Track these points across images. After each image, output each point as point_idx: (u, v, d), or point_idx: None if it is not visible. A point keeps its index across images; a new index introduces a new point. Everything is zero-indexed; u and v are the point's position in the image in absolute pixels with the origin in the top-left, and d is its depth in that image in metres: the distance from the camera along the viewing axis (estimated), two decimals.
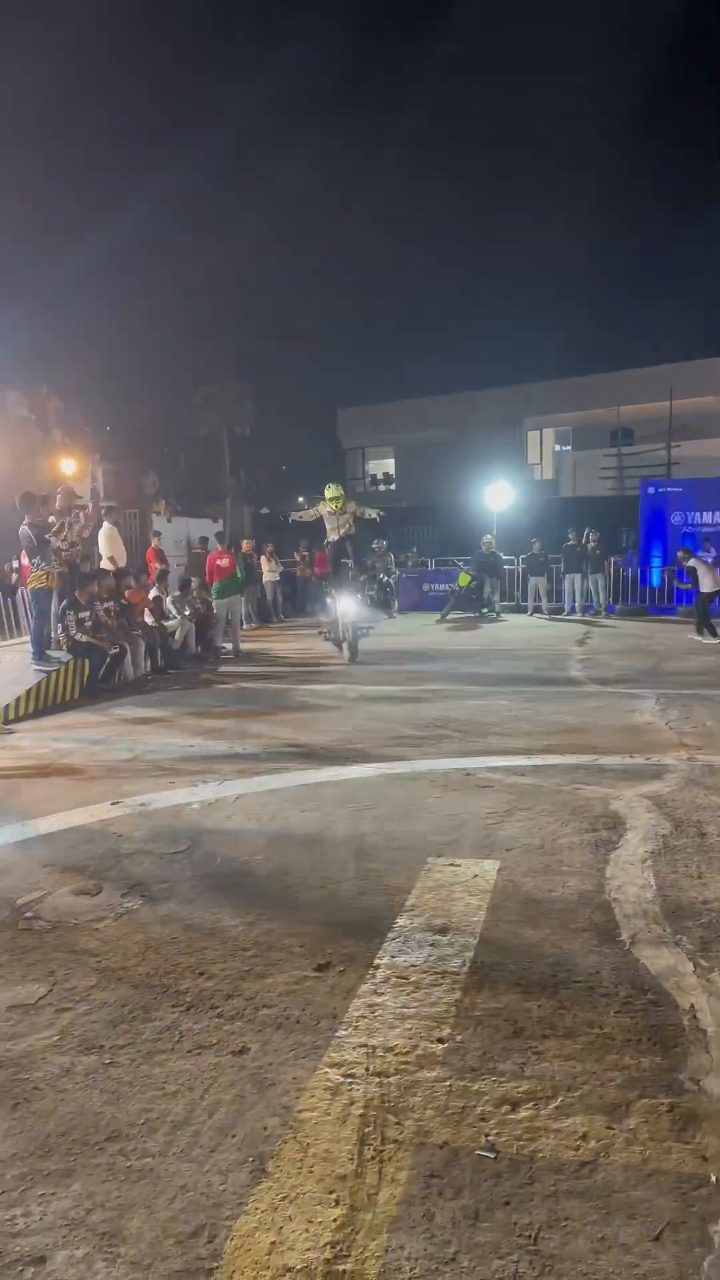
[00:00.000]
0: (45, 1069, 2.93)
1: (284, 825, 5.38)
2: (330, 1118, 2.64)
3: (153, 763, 7.14)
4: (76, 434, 23.04)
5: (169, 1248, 2.17)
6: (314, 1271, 2.09)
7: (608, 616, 18.98)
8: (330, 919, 4.02)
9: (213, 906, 4.22)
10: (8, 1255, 2.16)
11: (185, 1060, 2.95)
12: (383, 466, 39.40)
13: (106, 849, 5.07)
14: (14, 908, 4.25)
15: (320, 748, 7.41)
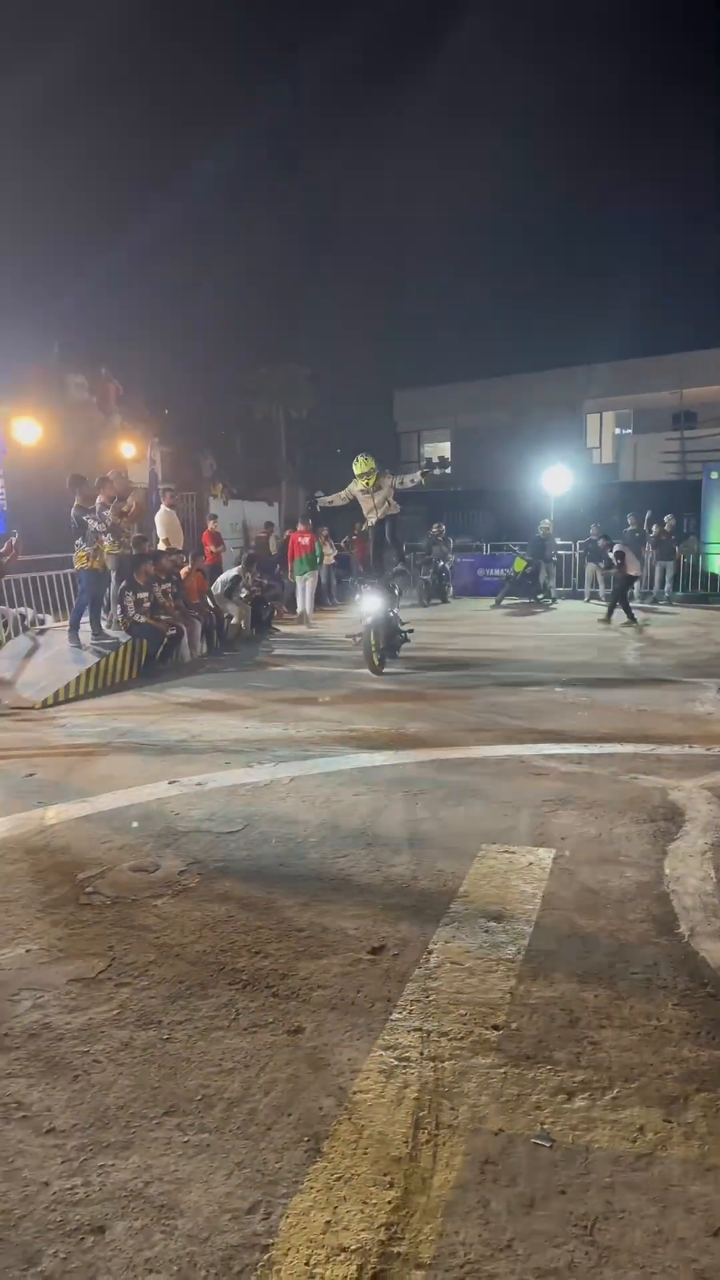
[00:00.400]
0: (105, 1042, 2.98)
1: (337, 808, 5.40)
2: (385, 1100, 2.64)
3: (208, 743, 7.21)
4: (135, 417, 23.22)
5: (225, 1222, 2.20)
6: (369, 1252, 2.10)
7: (667, 604, 18.67)
8: (384, 902, 4.02)
9: (267, 886, 4.25)
10: (69, 1224, 2.20)
11: (241, 1038, 2.98)
12: (438, 450, 39.11)
13: (164, 827, 5.13)
14: (74, 883, 4.33)
15: (374, 731, 7.41)
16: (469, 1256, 2.10)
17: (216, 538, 17.29)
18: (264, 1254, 2.10)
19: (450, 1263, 2.08)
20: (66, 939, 3.74)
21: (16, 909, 4.06)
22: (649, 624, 15.39)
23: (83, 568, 10.84)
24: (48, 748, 7.29)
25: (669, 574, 18.96)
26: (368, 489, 10.84)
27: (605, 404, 35.06)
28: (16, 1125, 2.57)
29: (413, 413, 38.22)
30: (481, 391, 35.49)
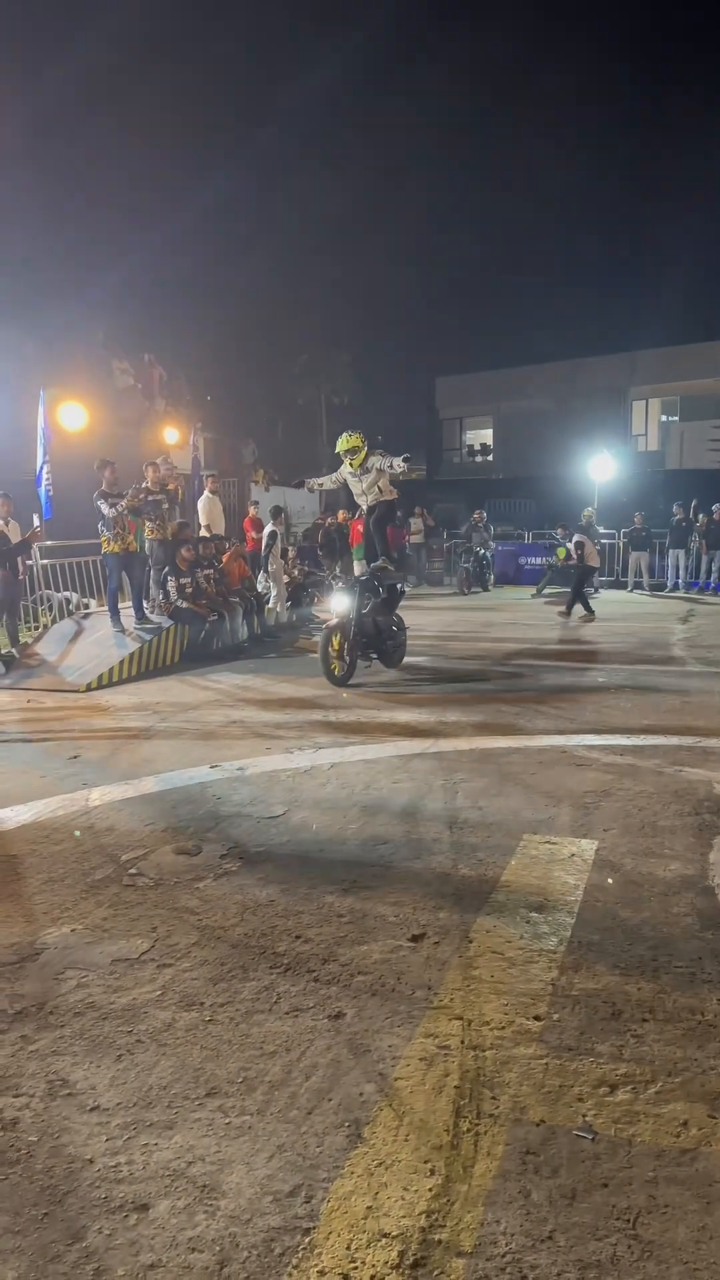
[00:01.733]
0: (148, 1022, 3.01)
1: (378, 795, 5.40)
2: (426, 1087, 2.64)
3: (249, 728, 7.24)
4: (179, 403, 23.34)
5: (267, 1205, 2.21)
6: (410, 1239, 2.10)
7: (714, 595, 18.41)
8: (424, 890, 4.02)
9: (308, 872, 4.26)
10: (113, 1201, 2.23)
11: (282, 1022, 3.00)
12: (480, 437, 38.87)
13: (206, 811, 5.17)
14: (118, 864, 4.38)
15: (413, 720, 7.40)
16: (510, 1246, 2.09)
17: (257, 524, 17.34)
18: (305, 1237, 2.11)
19: (492, 1252, 2.07)
20: (110, 919, 3.79)
21: (62, 889, 4.11)
22: (694, 614, 15.19)
23: (107, 552, 10.90)
24: (91, 730, 7.37)
25: (716, 563, 18.67)
26: (356, 470, 9.54)
27: (651, 391, 34.56)
28: (62, 1102, 2.61)
29: (454, 399, 37.98)
30: (525, 378, 35.15)
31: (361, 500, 9.79)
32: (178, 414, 21.57)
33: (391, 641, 9.62)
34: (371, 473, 9.42)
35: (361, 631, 8.96)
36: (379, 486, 9.56)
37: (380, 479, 9.46)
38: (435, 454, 39.57)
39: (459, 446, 39.37)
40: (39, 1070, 2.76)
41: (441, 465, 38.99)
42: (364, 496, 9.70)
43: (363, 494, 9.68)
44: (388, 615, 9.45)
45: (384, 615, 9.33)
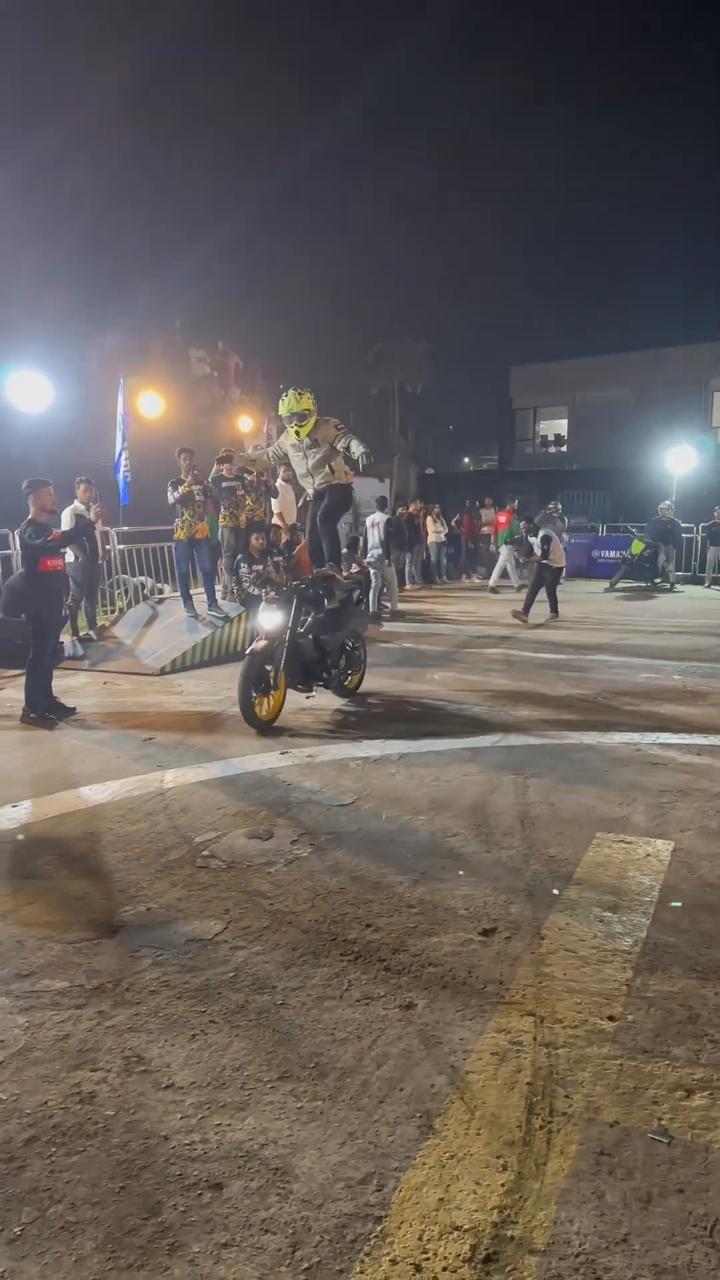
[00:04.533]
0: (221, 1003, 3.05)
1: (447, 786, 5.38)
2: (498, 1082, 2.63)
3: (318, 716, 7.27)
4: (253, 391, 23.51)
5: (339, 1191, 2.22)
6: (482, 1233, 2.09)
7: None
8: (494, 884, 3.99)
9: (378, 860, 4.27)
10: (188, 1178, 2.27)
11: (353, 1009, 3.01)
12: (554, 427, 38.36)
13: (276, 797, 5.21)
14: (192, 845, 4.44)
15: (484, 712, 7.35)
16: (584, 1247, 2.07)
17: None
18: (377, 1225, 2.12)
19: (565, 1251, 2.05)
20: (185, 900, 3.84)
21: (137, 868, 4.19)
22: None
23: (176, 538, 11.09)
24: (165, 714, 7.48)
25: None
26: (299, 442, 7.44)
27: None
28: (138, 1078, 2.66)
29: (529, 389, 37.54)
30: (602, 368, 34.58)
31: (306, 482, 7.74)
32: (252, 402, 21.73)
33: (341, 669, 7.59)
34: (322, 447, 7.39)
35: (298, 656, 6.97)
36: (331, 466, 7.48)
37: (334, 458, 7.46)
38: (507, 444, 39.19)
39: (532, 437, 38.92)
40: (116, 1046, 2.82)
41: (514, 455, 38.60)
42: (310, 477, 7.62)
43: (308, 474, 7.61)
44: (336, 633, 7.37)
45: (331, 633, 7.27)
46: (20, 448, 13.33)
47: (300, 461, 7.59)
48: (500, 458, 39.86)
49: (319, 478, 7.57)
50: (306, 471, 7.60)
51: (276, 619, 6.88)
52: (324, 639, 7.20)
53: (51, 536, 7.21)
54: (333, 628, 7.32)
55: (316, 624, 7.18)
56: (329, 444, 7.39)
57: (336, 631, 7.39)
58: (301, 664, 7.04)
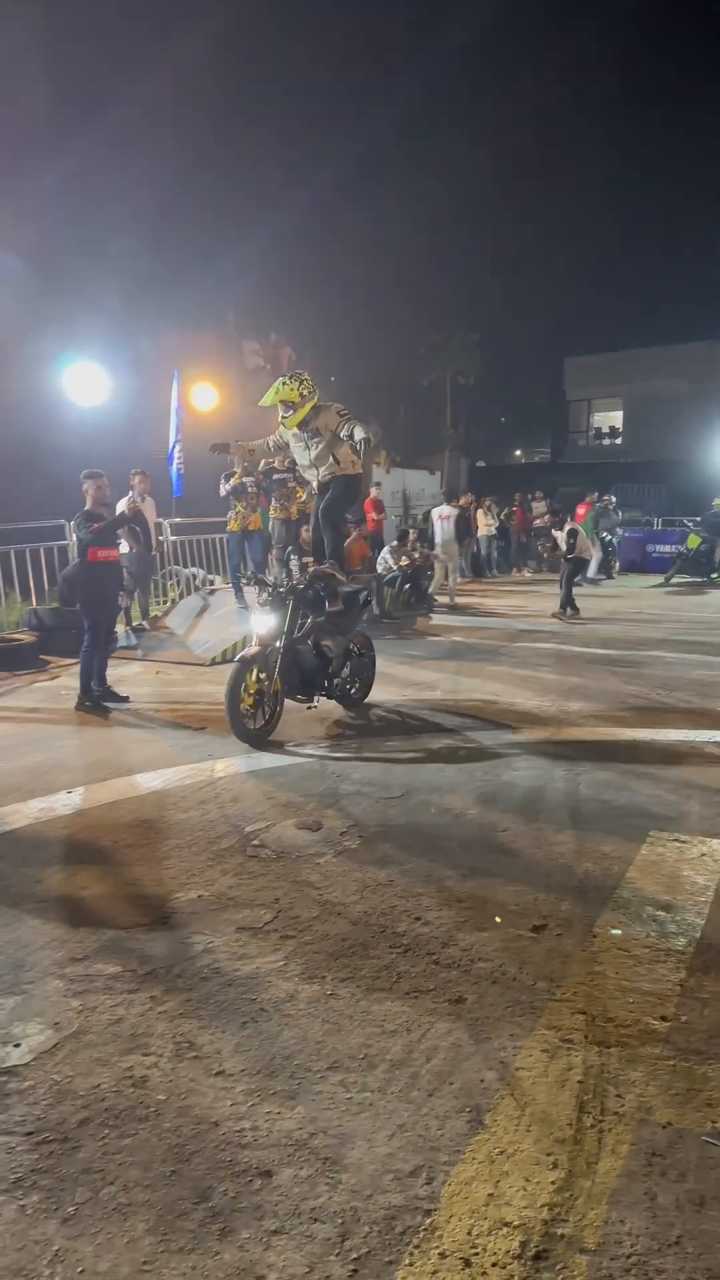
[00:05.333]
0: (271, 992, 3.07)
1: (497, 782, 5.34)
2: (548, 1079, 2.61)
3: (366, 709, 7.27)
4: None
5: (388, 1182, 2.22)
6: (532, 1230, 2.08)
7: None
8: (545, 880, 3.96)
9: (427, 854, 4.26)
10: (238, 1165, 2.29)
11: (403, 1002, 3.00)
12: (609, 420, 37.88)
13: (326, 788, 5.22)
14: (242, 834, 4.48)
15: (534, 707, 7.29)
16: (635, 1248, 2.04)
17: (379, 505, 17.37)
18: (426, 1218, 2.11)
19: (616, 1252, 2.03)
20: (235, 888, 3.87)
21: (188, 855, 4.23)
22: None
23: (229, 530, 11.23)
24: (217, 704, 7.51)
25: None
26: (299, 431, 6.87)
27: None
28: (189, 1064, 2.69)
29: (584, 380, 37.08)
30: (658, 359, 34.04)
31: (310, 474, 7.19)
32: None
33: (345, 677, 7.05)
34: (325, 437, 6.80)
35: (296, 663, 6.44)
36: (335, 456, 6.88)
37: (338, 447, 6.84)
38: (561, 436, 38.80)
39: (586, 429, 38.48)
40: (167, 1031, 2.85)
41: (567, 448, 38.21)
42: (313, 469, 7.03)
43: (311, 465, 7.02)
44: (339, 638, 6.83)
45: (334, 638, 6.76)
46: (77, 440, 13.52)
47: (302, 453, 7.00)
48: (553, 450, 39.45)
49: (323, 469, 6.97)
50: (309, 463, 7.02)
51: (271, 623, 6.30)
52: (326, 644, 6.68)
53: (93, 528, 7.33)
54: (336, 632, 6.79)
55: (317, 628, 6.65)
56: (332, 432, 6.76)
57: (340, 636, 6.83)
58: (300, 672, 6.49)
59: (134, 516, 10.46)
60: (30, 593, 10.29)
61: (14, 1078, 2.63)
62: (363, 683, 7.33)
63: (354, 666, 7.17)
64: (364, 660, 7.32)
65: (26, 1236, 2.08)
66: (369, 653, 7.40)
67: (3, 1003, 3.02)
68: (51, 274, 17.57)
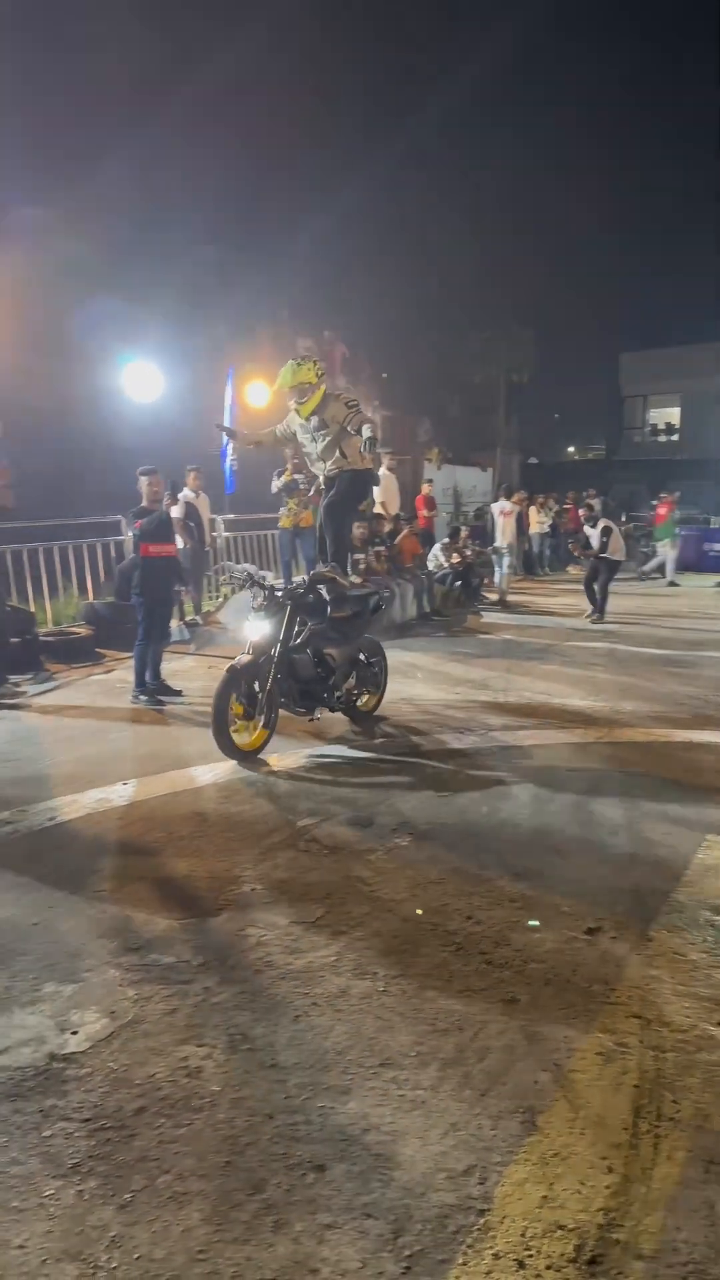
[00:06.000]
0: (323, 986, 3.08)
1: (550, 782, 5.30)
2: (603, 1083, 2.58)
3: (418, 706, 7.26)
4: (357, 380, 23.59)
5: (440, 1181, 2.22)
6: (587, 1234, 2.06)
7: None
8: (599, 883, 3.92)
9: (478, 853, 4.24)
10: (291, 1158, 2.30)
11: (455, 1000, 3.00)
12: (665, 416, 37.31)
13: (377, 784, 5.22)
14: (294, 829, 4.50)
15: (587, 707, 7.22)
16: (692, 1256, 2.02)
17: (430, 502, 17.32)
18: (479, 1218, 2.11)
19: (673, 1259, 2.01)
20: (287, 882, 3.89)
21: (242, 848, 4.26)
22: None
23: (280, 526, 11.32)
24: None
25: None
26: (305, 423, 6.48)
27: None
28: (243, 1056, 2.71)
29: (640, 376, 36.57)
30: (718, 354, 33.39)
31: (317, 467, 6.78)
32: (356, 391, 21.77)
33: (350, 689, 6.50)
34: (332, 429, 6.40)
35: (292, 674, 5.94)
36: (342, 449, 6.48)
37: (345, 440, 6.44)
38: (616, 433, 38.33)
39: (641, 425, 37.96)
40: (221, 1023, 2.87)
41: (622, 445, 37.72)
42: (321, 462, 6.66)
43: (319, 458, 6.63)
44: (344, 647, 6.34)
45: (338, 646, 6.27)
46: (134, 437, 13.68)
47: (309, 444, 6.61)
48: (608, 447, 39.00)
49: (329, 463, 6.57)
50: (316, 456, 6.64)
51: (265, 629, 5.81)
52: (329, 653, 6.15)
53: (136, 524, 7.44)
54: (340, 640, 6.27)
55: (318, 635, 6.08)
56: (340, 424, 6.35)
57: (345, 644, 6.32)
58: (297, 683, 5.98)
59: (187, 512, 10.57)
60: (87, 587, 10.44)
61: (72, 1064, 2.68)
62: (371, 695, 6.81)
63: (361, 677, 6.64)
64: (373, 670, 6.79)
65: (84, 1221, 2.11)
66: (380, 662, 6.88)
67: (60, 990, 3.07)
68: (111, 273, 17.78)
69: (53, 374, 14.52)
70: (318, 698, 6.11)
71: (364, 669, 6.69)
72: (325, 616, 6.18)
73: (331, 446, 6.46)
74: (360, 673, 6.64)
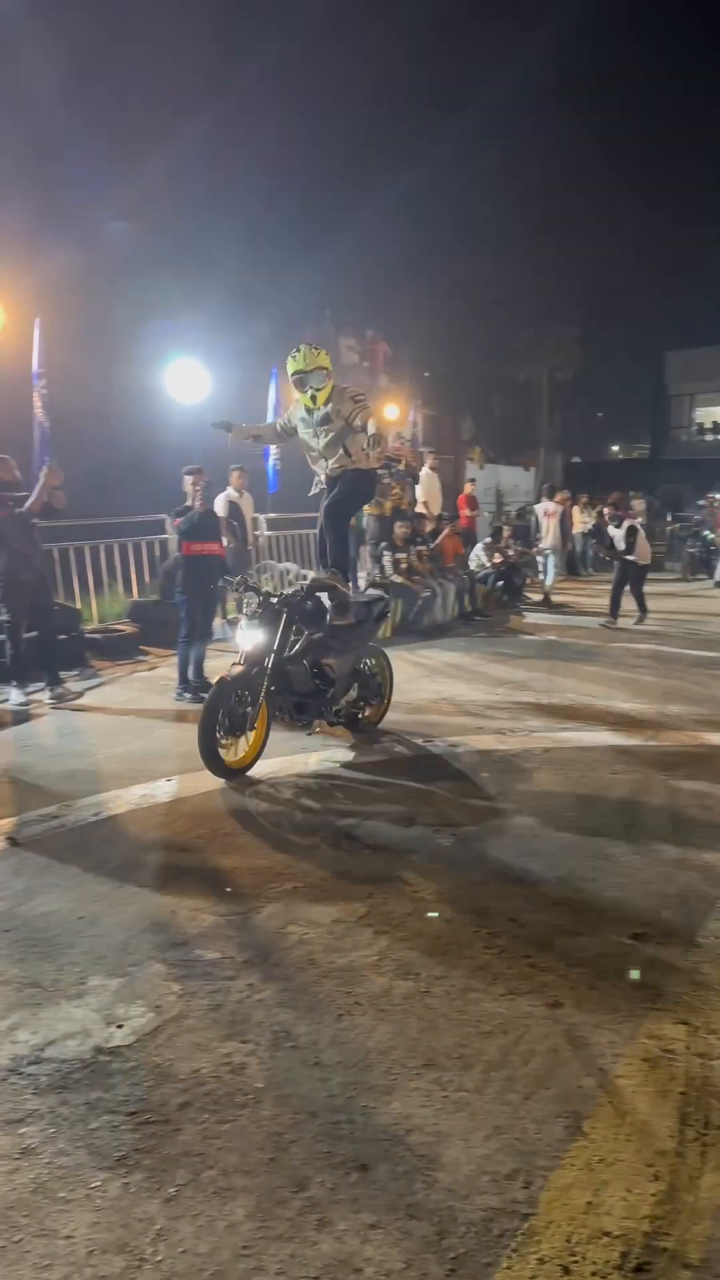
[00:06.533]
0: (366, 986, 3.08)
1: (594, 784, 5.25)
2: (649, 1089, 2.55)
3: (459, 706, 7.24)
4: (399, 379, 23.57)
5: (485, 1184, 2.21)
6: (632, 1241, 2.04)
7: None
8: (645, 887, 3.87)
9: (522, 856, 4.21)
10: (335, 1156, 2.30)
11: (498, 1003, 2.98)
12: (712, 414, 36.77)
13: (419, 784, 5.22)
14: (336, 827, 4.51)
15: (632, 710, 7.14)
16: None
17: (472, 501, 17.25)
18: (523, 1222, 2.09)
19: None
20: (329, 881, 3.90)
21: (284, 846, 4.28)
22: None
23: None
24: None
25: None
26: (309, 416, 6.08)
27: None
28: (286, 1054, 2.72)
29: (687, 374, 36.07)
30: None
31: (318, 466, 6.30)
32: (398, 390, 21.76)
33: (351, 701, 6.13)
34: (336, 424, 5.99)
35: (287, 686, 5.59)
36: (345, 447, 6.07)
37: (349, 436, 6.03)
38: (661, 432, 37.88)
39: (687, 424, 37.46)
40: (265, 1020, 2.89)
41: (667, 444, 37.27)
42: (322, 460, 6.21)
43: (320, 456, 6.20)
44: (344, 656, 5.90)
45: (337, 655, 5.81)
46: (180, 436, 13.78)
47: (311, 439, 6.14)
48: (653, 446, 38.54)
49: (332, 461, 6.13)
50: (318, 452, 6.16)
51: (259, 638, 5.43)
52: (328, 663, 5.69)
53: (174, 522, 7.53)
54: (340, 649, 5.85)
55: (316, 645, 5.67)
56: (345, 420, 5.95)
57: (346, 654, 5.92)
58: (293, 696, 5.64)
59: (230, 511, 10.64)
60: (132, 585, 10.55)
61: (117, 1058, 2.71)
62: (376, 707, 6.46)
63: (363, 688, 6.26)
64: (376, 681, 6.44)
65: (130, 1214, 2.13)
66: (384, 672, 6.54)
67: (106, 984, 3.11)
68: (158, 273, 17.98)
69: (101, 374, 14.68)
70: (314, 710, 5.76)
71: (367, 680, 6.34)
72: (325, 625, 5.82)
73: (335, 443, 6.06)
74: (363, 684, 6.28)
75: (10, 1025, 2.87)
